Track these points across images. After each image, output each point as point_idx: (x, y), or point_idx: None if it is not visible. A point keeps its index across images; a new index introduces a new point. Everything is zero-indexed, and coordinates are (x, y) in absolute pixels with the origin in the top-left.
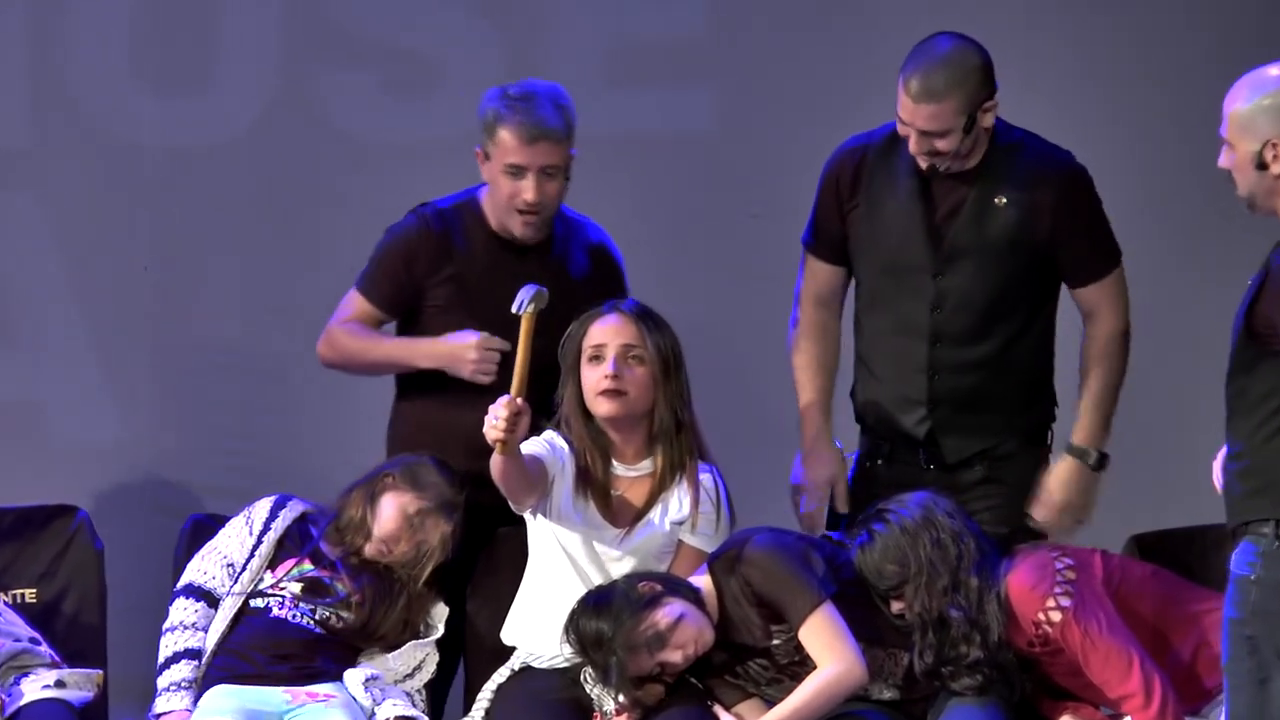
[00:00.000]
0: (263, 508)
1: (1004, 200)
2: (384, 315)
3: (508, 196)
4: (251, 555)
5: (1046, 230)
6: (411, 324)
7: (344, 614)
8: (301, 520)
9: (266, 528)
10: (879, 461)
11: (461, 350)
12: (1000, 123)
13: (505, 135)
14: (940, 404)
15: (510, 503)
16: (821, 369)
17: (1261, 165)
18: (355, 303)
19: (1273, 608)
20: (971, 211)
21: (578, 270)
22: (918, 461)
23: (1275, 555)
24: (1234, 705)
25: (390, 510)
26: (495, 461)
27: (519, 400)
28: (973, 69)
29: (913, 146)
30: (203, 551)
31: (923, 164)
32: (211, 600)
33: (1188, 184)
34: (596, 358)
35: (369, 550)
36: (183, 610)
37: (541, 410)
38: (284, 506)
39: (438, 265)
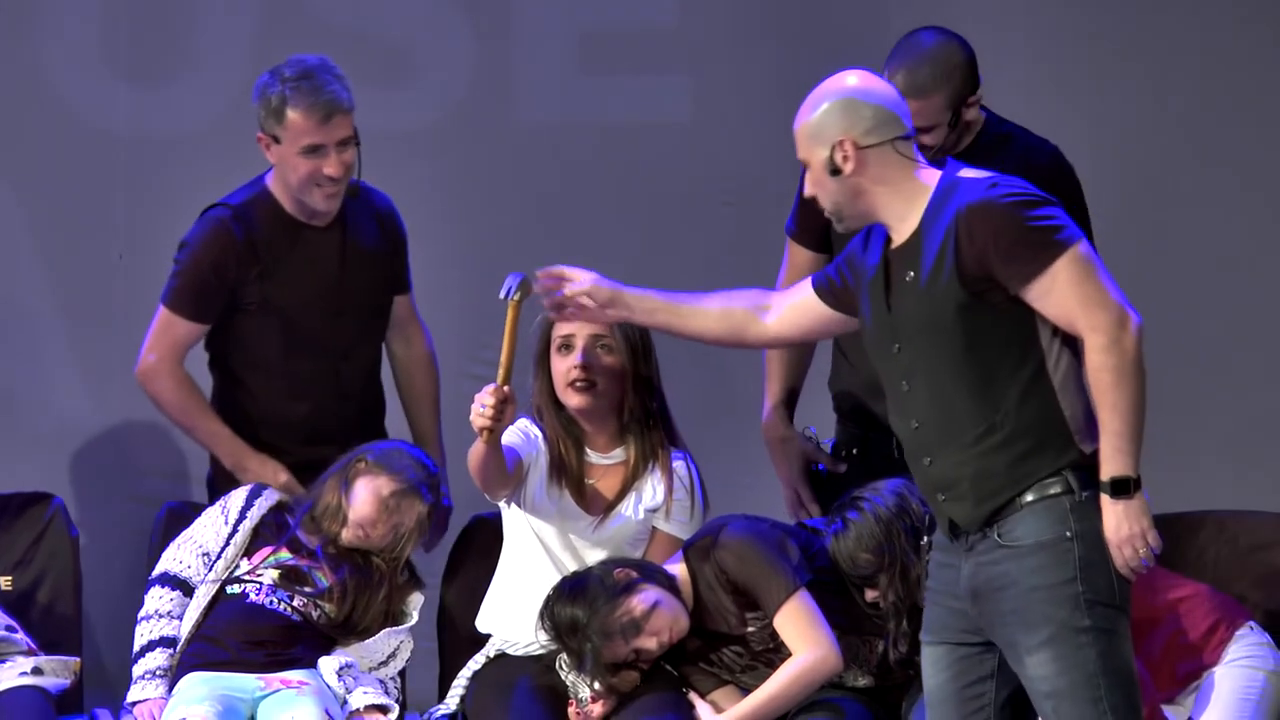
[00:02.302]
0: (238, 496)
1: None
2: (203, 327)
3: (307, 174)
4: (227, 544)
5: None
6: (223, 322)
7: (324, 605)
8: (277, 509)
9: (242, 516)
10: (854, 450)
11: (262, 481)
12: (990, 115)
13: (296, 118)
14: None
15: (484, 492)
16: (788, 365)
17: (835, 171)
18: (172, 324)
19: (1095, 558)
20: None
21: (370, 240)
22: (891, 450)
23: (1082, 505)
24: (1080, 663)
25: (365, 493)
26: (476, 451)
27: (505, 388)
28: (958, 64)
29: None
30: (178, 540)
31: None
32: (187, 589)
33: (1162, 180)
34: (565, 347)
35: (346, 536)
36: (158, 599)
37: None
38: (259, 495)
39: (246, 266)
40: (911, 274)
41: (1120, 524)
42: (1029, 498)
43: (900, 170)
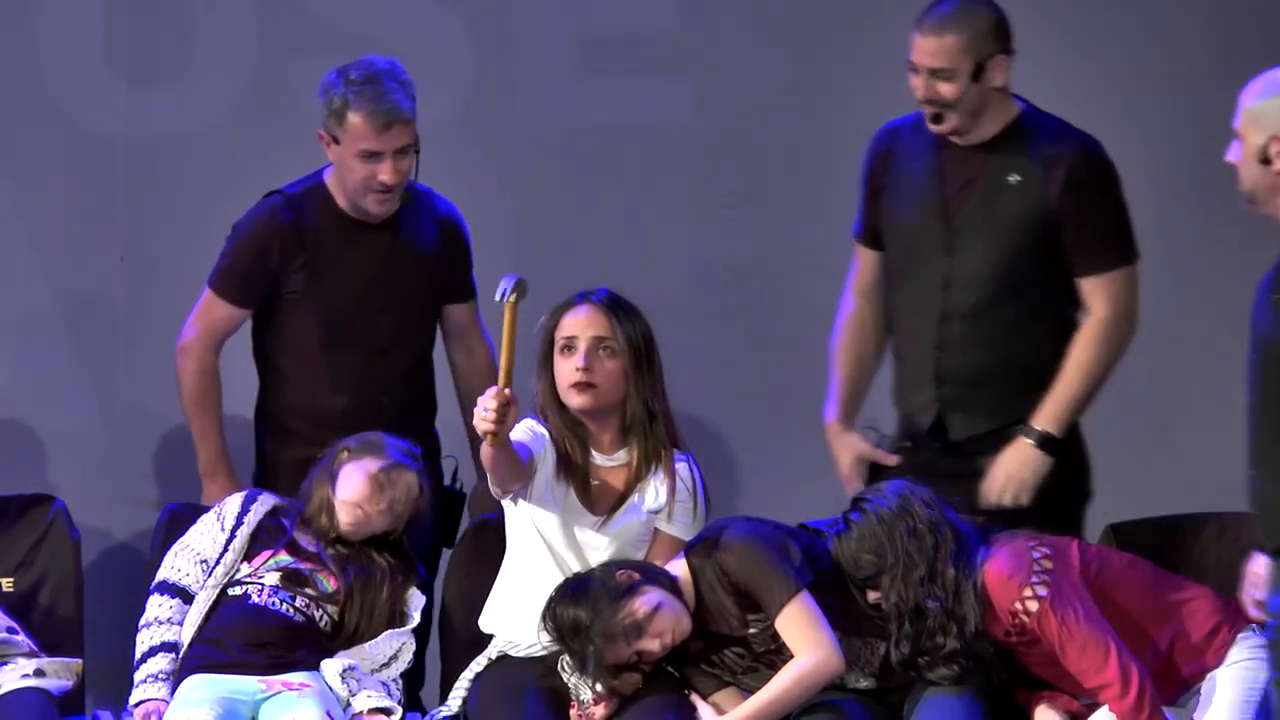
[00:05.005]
0: (234, 503)
1: (1017, 178)
2: (244, 312)
3: (363, 179)
4: (225, 549)
5: (1054, 210)
6: (266, 311)
7: (328, 608)
8: (273, 513)
9: (239, 522)
10: (907, 444)
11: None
12: (1028, 105)
13: (356, 122)
14: (947, 382)
15: (493, 488)
16: (850, 361)
17: (1265, 160)
18: (213, 306)
19: None
20: (984, 188)
21: (426, 243)
22: (933, 444)
23: None
24: None
25: (356, 476)
26: (485, 453)
27: (507, 391)
28: (983, 17)
29: (920, 93)
30: (175, 548)
31: (926, 115)
32: (186, 596)
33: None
34: (568, 349)
35: (346, 523)
36: (158, 606)
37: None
38: (255, 500)
39: (291, 254)
40: (1276, 296)
41: None
42: None
43: None
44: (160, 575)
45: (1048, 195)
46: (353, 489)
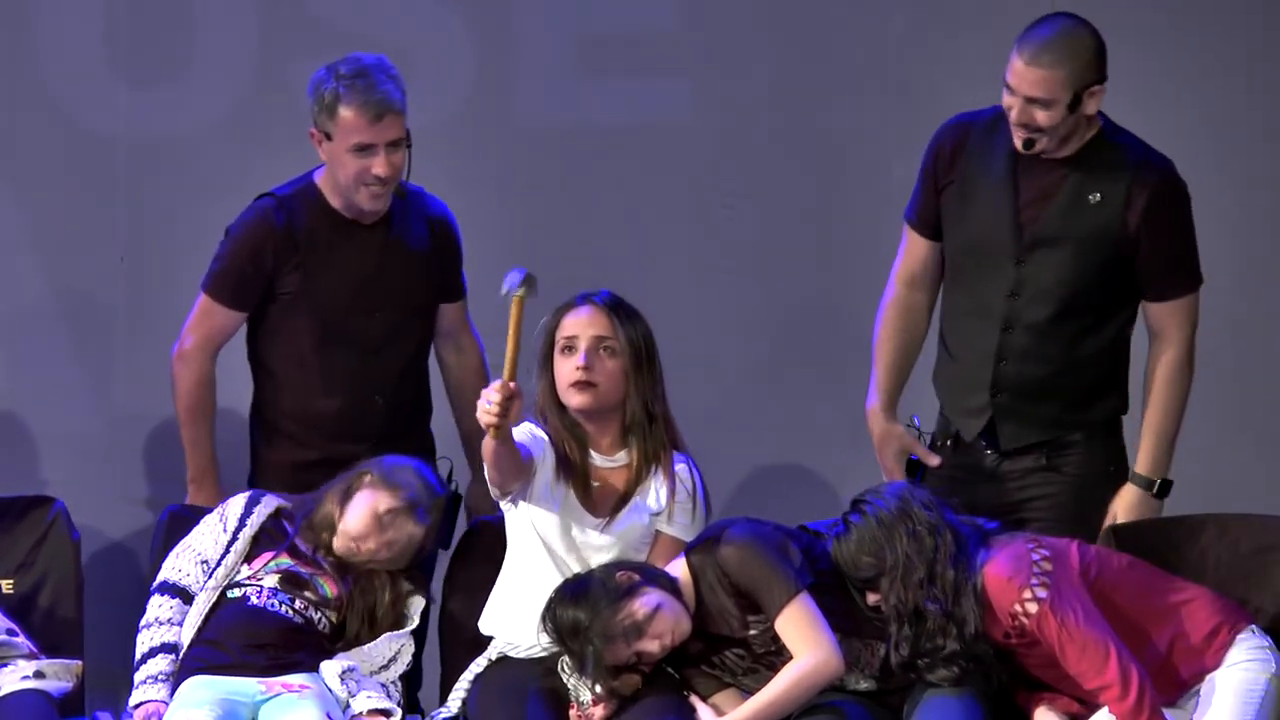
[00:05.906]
0: (236, 504)
1: (1097, 197)
2: (241, 315)
3: (356, 174)
4: (227, 551)
5: (1133, 233)
6: (260, 314)
7: (327, 612)
8: (276, 516)
9: (241, 524)
10: (948, 443)
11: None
12: (1108, 121)
13: (348, 115)
14: (1003, 390)
15: (493, 488)
16: (893, 350)
17: None
18: (210, 311)
19: None
20: (1062, 202)
21: (417, 242)
22: (980, 445)
23: None
24: None
25: (361, 508)
26: (486, 447)
27: (512, 384)
28: (1086, 47)
29: (1014, 116)
30: (177, 549)
31: (1018, 138)
32: (187, 597)
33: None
34: (569, 349)
35: (338, 546)
36: (158, 607)
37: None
38: (258, 502)
39: (285, 256)
40: None
41: None
42: None
43: None
44: (161, 576)
45: (1127, 218)
46: (354, 522)
